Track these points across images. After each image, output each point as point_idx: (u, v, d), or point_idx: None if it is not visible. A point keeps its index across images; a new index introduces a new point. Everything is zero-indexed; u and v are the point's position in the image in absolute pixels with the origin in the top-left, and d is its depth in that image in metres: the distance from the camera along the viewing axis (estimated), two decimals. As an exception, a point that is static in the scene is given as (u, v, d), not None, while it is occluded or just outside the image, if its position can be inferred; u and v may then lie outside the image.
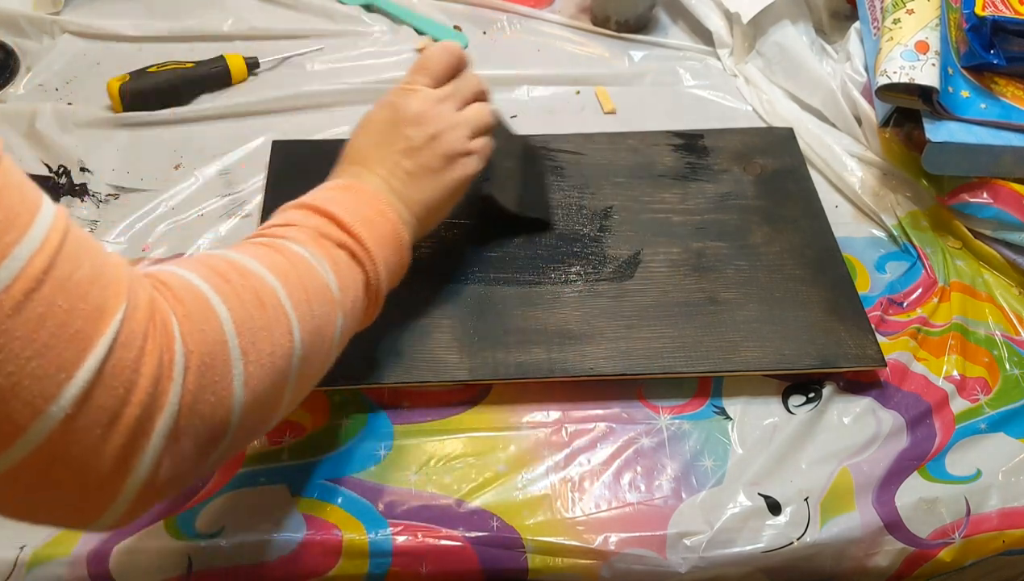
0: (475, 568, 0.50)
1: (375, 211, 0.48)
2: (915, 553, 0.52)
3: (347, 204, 0.48)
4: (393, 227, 0.49)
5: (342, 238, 0.46)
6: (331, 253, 0.45)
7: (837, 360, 0.57)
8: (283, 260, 0.42)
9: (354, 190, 0.50)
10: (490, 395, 0.57)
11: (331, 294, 0.44)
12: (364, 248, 0.47)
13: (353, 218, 0.47)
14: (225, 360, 0.36)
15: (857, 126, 0.74)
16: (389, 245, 0.49)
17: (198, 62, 0.77)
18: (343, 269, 0.45)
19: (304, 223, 0.46)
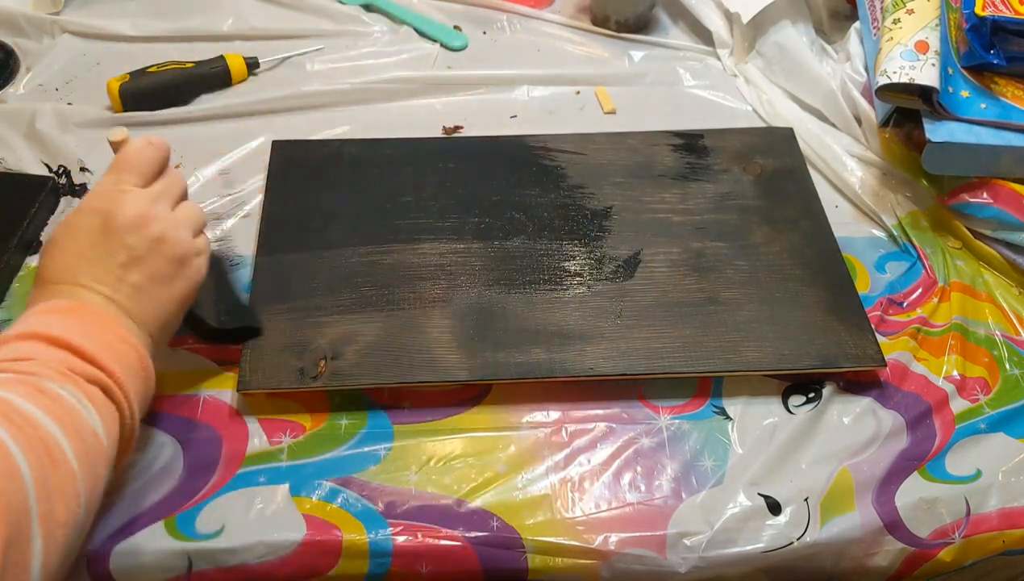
0: (475, 568, 0.50)
1: (116, 336, 0.42)
2: (915, 553, 0.52)
3: (84, 331, 0.41)
4: (138, 354, 0.43)
5: (92, 373, 0.40)
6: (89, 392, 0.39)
7: (837, 360, 0.57)
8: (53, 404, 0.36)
9: (81, 313, 0.43)
10: (490, 395, 0.57)
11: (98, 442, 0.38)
12: (116, 381, 0.41)
13: (96, 348, 0.41)
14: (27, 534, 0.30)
15: (857, 126, 0.74)
16: (137, 375, 0.43)
17: (198, 62, 0.77)
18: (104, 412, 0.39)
19: (44, 357, 0.39)
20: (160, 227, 0.47)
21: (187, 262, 0.48)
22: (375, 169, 0.69)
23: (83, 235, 0.46)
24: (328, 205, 0.66)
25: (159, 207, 0.48)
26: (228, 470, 0.52)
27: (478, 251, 0.63)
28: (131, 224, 0.46)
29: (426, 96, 0.79)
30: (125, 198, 0.47)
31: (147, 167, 0.49)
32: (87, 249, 0.45)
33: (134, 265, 0.45)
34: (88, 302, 0.43)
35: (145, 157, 0.49)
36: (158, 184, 0.49)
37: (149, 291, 0.46)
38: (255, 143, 0.73)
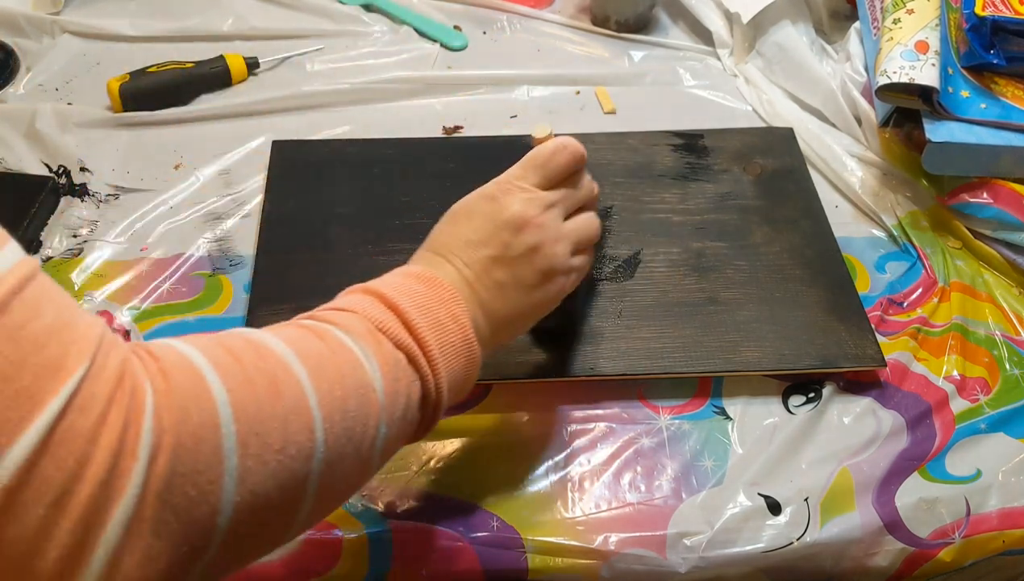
0: (475, 568, 0.50)
1: (449, 314, 0.42)
2: (915, 553, 0.52)
3: (420, 299, 0.42)
4: (466, 337, 0.43)
5: (403, 339, 0.40)
6: (386, 353, 0.39)
7: (837, 360, 0.57)
8: (321, 347, 0.37)
9: (432, 285, 0.43)
10: (490, 395, 0.57)
11: (374, 397, 0.37)
12: (427, 354, 0.40)
13: (422, 317, 0.41)
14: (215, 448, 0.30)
15: (857, 126, 0.74)
16: (458, 356, 0.42)
17: (198, 62, 0.77)
18: (396, 374, 0.39)
19: (365, 312, 0.40)
20: (538, 236, 0.46)
21: (552, 278, 0.47)
22: (375, 169, 0.69)
23: (471, 215, 0.47)
24: (328, 205, 0.66)
25: (548, 215, 0.47)
26: (228, 470, 0.52)
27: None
28: (512, 223, 0.46)
29: (426, 96, 0.79)
30: (517, 196, 0.47)
31: (553, 171, 0.48)
32: (470, 231, 0.46)
33: (503, 263, 0.46)
34: (446, 278, 0.44)
35: (554, 161, 0.48)
36: (558, 192, 0.48)
37: (508, 290, 0.46)
38: (255, 143, 0.73)
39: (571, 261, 0.48)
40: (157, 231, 0.66)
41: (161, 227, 0.66)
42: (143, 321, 0.60)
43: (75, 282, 0.62)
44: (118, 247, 0.64)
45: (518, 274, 0.46)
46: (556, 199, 0.48)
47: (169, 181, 0.70)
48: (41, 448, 0.26)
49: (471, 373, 0.44)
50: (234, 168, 0.71)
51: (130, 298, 0.61)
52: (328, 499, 0.37)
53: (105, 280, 0.62)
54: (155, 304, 0.61)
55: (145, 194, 0.68)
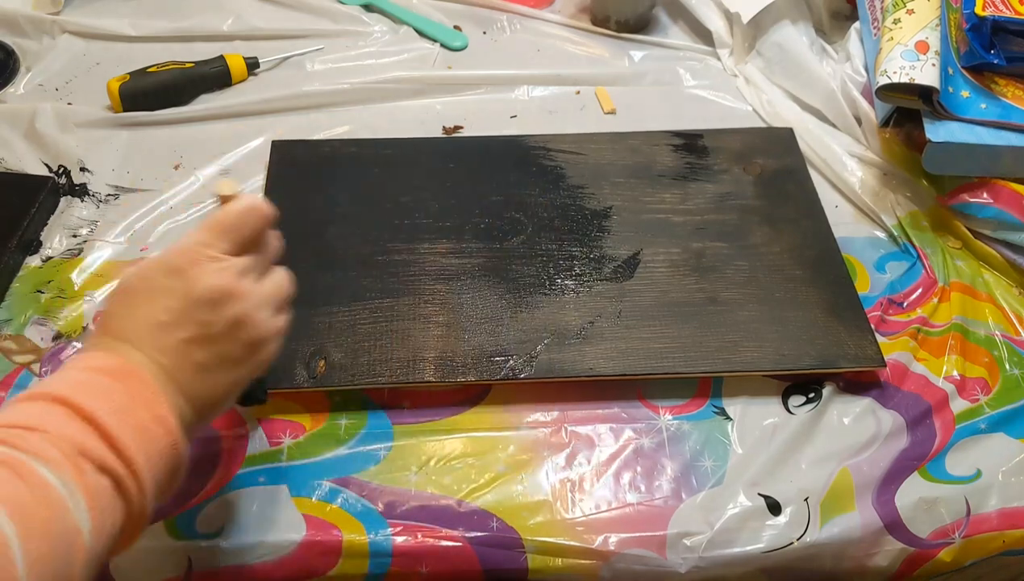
0: (475, 568, 0.50)
1: (153, 417, 0.38)
2: (915, 553, 0.52)
3: (116, 402, 0.37)
4: (172, 440, 0.39)
5: (108, 461, 0.36)
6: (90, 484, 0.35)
7: (837, 360, 0.57)
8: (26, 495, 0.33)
9: (128, 380, 0.39)
10: (490, 395, 0.57)
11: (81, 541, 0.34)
12: (134, 474, 0.36)
13: (123, 429, 0.37)
14: None
15: (857, 126, 0.74)
16: (164, 463, 0.38)
17: (198, 62, 0.77)
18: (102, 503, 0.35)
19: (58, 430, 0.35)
20: (241, 308, 0.42)
21: (262, 346, 0.43)
22: (375, 169, 0.69)
23: (157, 295, 0.41)
24: (328, 205, 0.66)
25: (245, 283, 0.42)
26: (228, 470, 0.52)
27: (478, 251, 0.63)
28: (211, 298, 0.41)
29: (426, 96, 0.79)
30: (211, 267, 0.41)
31: (245, 235, 0.43)
32: (159, 312, 0.41)
33: (204, 343, 0.41)
34: (142, 370, 0.40)
35: (246, 224, 0.43)
36: (250, 257, 0.44)
37: (213, 372, 0.42)
38: (255, 143, 0.73)
39: (276, 323, 0.44)
40: (157, 231, 0.66)
41: (161, 227, 0.66)
42: (143, 321, 0.60)
43: (75, 282, 0.62)
44: (118, 247, 0.65)
45: (223, 352, 0.41)
46: (250, 264, 0.43)
47: (169, 181, 0.70)
48: None
49: (176, 479, 0.41)
50: (234, 168, 0.71)
51: (130, 298, 0.61)
52: None
53: (105, 280, 0.62)
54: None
55: (145, 194, 0.68)
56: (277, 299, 0.45)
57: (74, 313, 0.60)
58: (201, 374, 0.41)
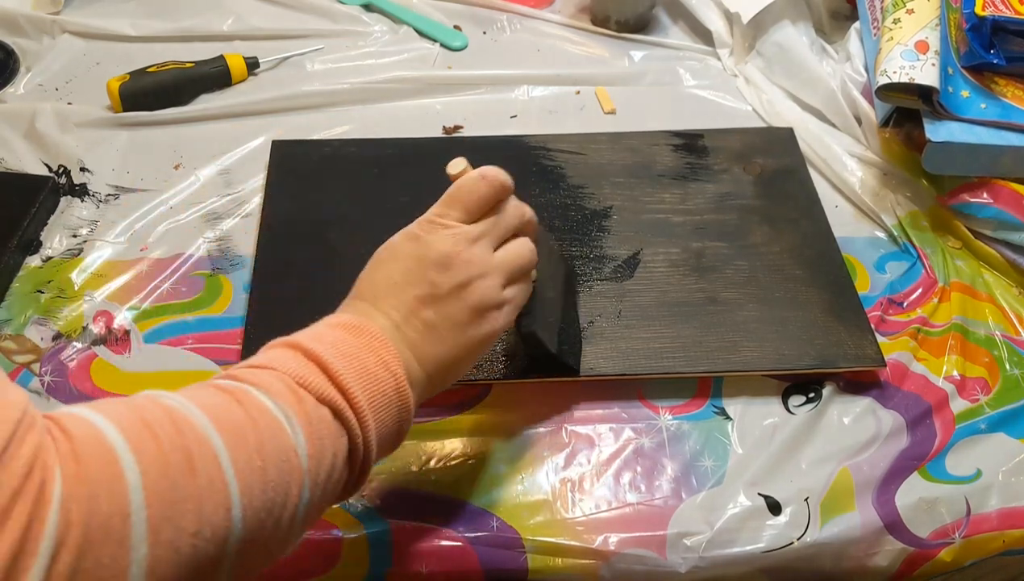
0: (475, 568, 0.50)
1: (379, 362, 0.41)
2: (915, 553, 0.52)
3: (345, 349, 0.40)
4: (397, 385, 0.41)
5: (326, 391, 0.38)
6: (308, 410, 0.37)
7: (837, 360, 0.57)
8: (240, 413, 0.35)
9: (359, 332, 0.42)
10: (490, 395, 0.57)
11: (296, 461, 0.36)
12: (354, 407, 0.39)
13: (347, 368, 0.39)
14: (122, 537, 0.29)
15: (857, 126, 0.74)
16: (388, 406, 0.40)
17: (198, 62, 0.77)
18: (320, 431, 0.37)
19: (284, 367, 0.38)
20: (468, 272, 0.44)
21: (486, 313, 0.45)
22: (375, 169, 0.69)
23: (398, 259, 0.45)
24: (328, 205, 0.66)
25: (475, 249, 0.45)
26: (228, 470, 0.52)
27: None
28: (439, 262, 0.44)
29: (426, 96, 0.79)
30: (441, 234, 0.45)
31: (475, 204, 0.46)
32: (395, 273, 0.45)
33: (432, 303, 0.44)
34: (374, 324, 0.42)
35: (475, 193, 0.46)
36: (483, 223, 0.46)
37: (440, 331, 0.44)
38: (255, 143, 0.73)
39: (503, 294, 0.46)
40: (157, 231, 0.66)
41: (161, 227, 0.66)
42: (143, 321, 0.60)
43: (75, 282, 0.62)
44: (118, 247, 0.65)
45: (448, 313, 0.44)
46: (481, 232, 0.46)
47: (169, 181, 0.70)
48: None
49: (403, 424, 0.42)
50: (234, 168, 0.71)
51: (130, 298, 0.61)
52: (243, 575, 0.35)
53: (105, 280, 0.62)
54: (155, 304, 0.61)
55: (145, 194, 0.68)
56: (510, 269, 0.47)
57: (74, 313, 0.60)
58: (428, 331, 0.44)
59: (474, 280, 0.45)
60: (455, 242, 0.45)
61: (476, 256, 0.45)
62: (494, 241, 0.47)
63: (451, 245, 0.45)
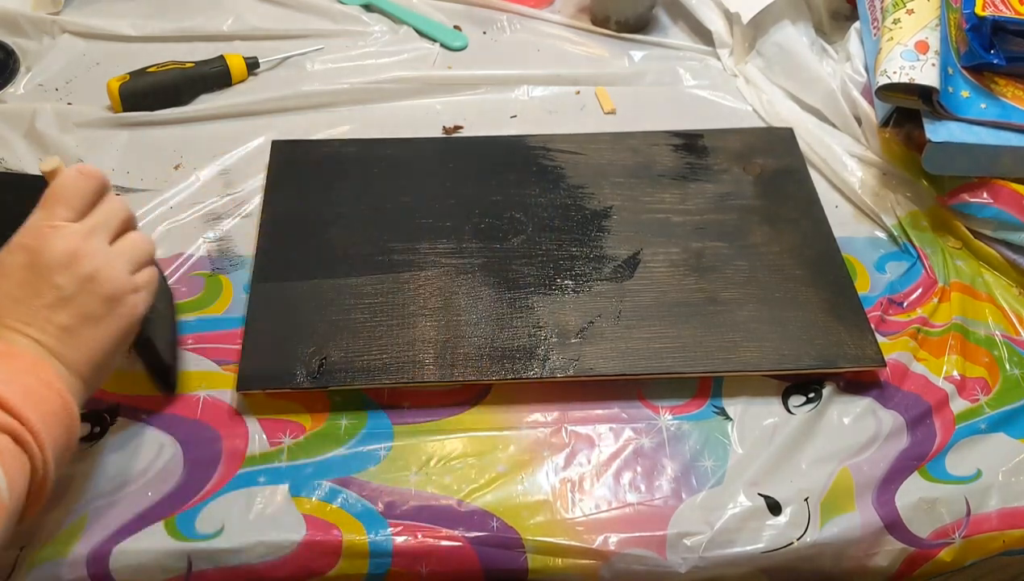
0: (475, 568, 0.50)
1: (39, 381, 0.40)
2: (915, 553, 0.52)
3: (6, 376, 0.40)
4: (62, 400, 0.41)
5: (6, 421, 0.38)
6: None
7: (837, 360, 0.57)
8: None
9: (6, 356, 0.41)
10: (490, 395, 0.57)
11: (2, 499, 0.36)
12: (32, 431, 0.39)
13: (13, 392, 0.39)
14: None
15: (857, 126, 0.74)
16: (58, 423, 0.40)
17: (198, 62, 0.77)
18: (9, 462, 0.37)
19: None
20: (91, 264, 0.44)
21: (121, 300, 0.45)
22: (375, 169, 0.69)
23: (11, 273, 0.43)
24: (328, 205, 0.66)
25: (92, 242, 0.45)
26: (228, 470, 0.52)
27: (478, 251, 0.63)
28: (59, 262, 0.43)
29: (426, 96, 0.79)
30: (54, 234, 0.44)
31: (79, 200, 0.45)
32: (14, 288, 0.43)
33: (62, 305, 0.43)
34: (13, 344, 0.42)
35: (78, 189, 0.45)
36: (93, 217, 0.46)
37: (79, 332, 0.43)
38: (255, 143, 0.73)
39: (134, 279, 0.46)
40: (157, 231, 0.66)
41: (161, 227, 0.66)
42: (143, 321, 0.60)
43: (75, 282, 0.62)
44: (118, 247, 0.64)
45: (83, 311, 0.43)
46: (93, 225, 0.45)
47: (169, 181, 0.70)
48: None
49: (72, 437, 0.42)
50: (234, 168, 0.71)
51: (130, 298, 0.61)
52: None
53: (105, 280, 0.62)
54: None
55: (145, 194, 0.68)
56: (132, 256, 0.47)
57: (74, 313, 0.60)
58: (69, 335, 0.43)
59: (100, 269, 0.44)
60: (71, 239, 0.44)
61: (96, 248, 0.45)
62: (108, 233, 0.46)
63: (68, 243, 0.44)
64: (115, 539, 0.49)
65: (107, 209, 0.47)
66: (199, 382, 0.57)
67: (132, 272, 0.46)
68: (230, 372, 0.57)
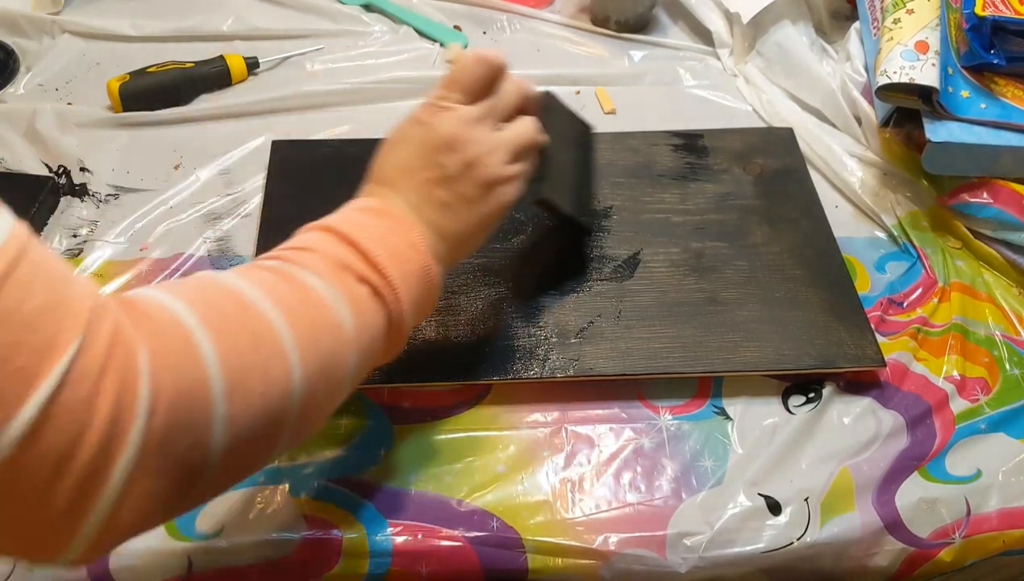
0: (475, 568, 0.50)
1: (406, 242, 0.44)
2: (915, 553, 0.52)
3: (375, 232, 0.44)
4: (423, 261, 0.45)
5: (365, 272, 0.42)
6: (351, 289, 0.42)
7: (837, 360, 0.57)
8: (292, 293, 0.39)
9: (385, 216, 0.45)
10: (490, 395, 0.57)
11: (345, 333, 0.40)
12: (389, 285, 0.43)
13: (380, 249, 0.43)
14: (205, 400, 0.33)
15: (857, 126, 0.74)
16: (418, 281, 0.44)
17: (198, 62, 0.77)
18: (363, 307, 0.42)
19: (325, 250, 0.42)
20: (472, 151, 0.47)
21: (494, 188, 0.48)
22: (375, 169, 0.69)
23: (405, 144, 0.48)
24: (328, 205, 0.66)
25: (477, 129, 0.48)
26: (228, 470, 0.52)
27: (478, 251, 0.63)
28: (445, 144, 0.47)
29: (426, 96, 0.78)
30: (444, 117, 0.48)
31: (474, 84, 0.49)
32: (407, 158, 0.48)
33: (443, 183, 0.47)
34: (395, 207, 0.46)
35: (470, 72, 0.49)
36: (485, 103, 0.49)
37: (455, 208, 0.47)
38: (255, 143, 0.73)
39: (509, 169, 0.49)
40: (157, 231, 0.66)
41: (161, 227, 0.66)
42: (143, 321, 0.60)
43: (75, 282, 0.62)
44: (118, 247, 0.65)
45: (460, 191, 0.47)
46: (482, 112, 0.49)
47: (169, 181, 0.70)
48: (41, 421, 0.28)
49: (432, 295, 0.46)
50: (234, 168, 0.71)
51: (130, 298, 0.61)
52: (306, 424, 0.40)
53: (105, 280, 0.62)
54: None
55: (145, 194, 0.68)
56: (514, 145, 0.50)
57: (74, 313, 0.60)
58: (444, 210, 0.47)
59: (480, 157, 0.48)
60: (458, 123, 0.48)
61: (480, 135, 0.48)
62: (496, 119, 0.50)
63: (455, 127, 0.47)
64: (115, 539, 0.49)
65: (500, 96, 0.50)
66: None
67: (510, 161, 0.49)
68: (230, 372, 0.57)
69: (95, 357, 0.30)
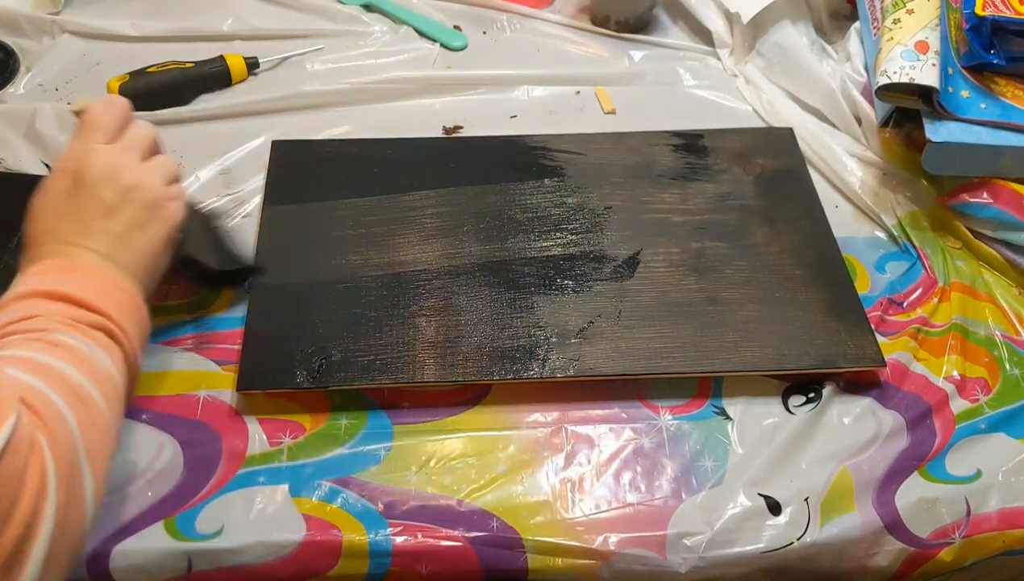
0: (475, 568, 0.50)
1: (108, 283, 0.46)
2: (915, 553, 0.52)
3: (78, 282, 0.44)
4: (131, 296, 0.47)
5: (94, 319, 0.43)
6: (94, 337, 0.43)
7: (837, 360, 0.57)
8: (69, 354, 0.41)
9: (73, 267, 0.46)
10: (490, 395, 0.57)
11: (115, 382, 0.43)
12: (116, 324, 0.44)
13: (93, 295, 0.44)
14: (78, 472, 0.36)
15: (857, 126, 0.74)
16: (133, 316, 0.46)
17: (198, 62, 0.77)
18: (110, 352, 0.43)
19: (46, 312, 0.42)
20: (130, 177, 0.49)
21: (160, 206, 0.50)
22: (375, 169, 0.69)
23: (59, 196, 0.48)
24: (328, 205, 0.66)
25: (128, 158, 0.50)
26: (228, 470, 0.52)
27: (478, 251, 0.63)
28: (102, 178, 0.48)
29: (426, 96, 0.79)
30: (93, 156, 0.49)
31: (110, 124, 0.50)
32: (64, 207, 0.48)
33: (110, 215, 0.48)
34: (75, 256, 0.46)
35: (107, 115, 0.51)
36: (124, 138, 0.51)
37: (128, 238, 0.48)
38: (255, 143, 0.73)
39: (168, 189, 0.51)
40: (157, 231, 0.66)
41: (161, 227, 0.66)
42: (143, 321, 0.60)
43: (75, 282, 0.62)
44: (118, 247, 0.64)
45: (128, 217, 0.48)
46: (126, 143, 0.51)
47: (169, 181, 0.69)
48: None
49: (145, 328, 0.48)
50: (234, 168, 0.71)
51: (130, 298, 0.61)
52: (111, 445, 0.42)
53: (105, 280, 0.62)
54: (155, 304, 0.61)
55: (145, 194, 0.68)
56: (164, 171, 0.52)
57: (74, 313, 0.60)
58: (120, 241, 0.48)
59: (139, 181, 0.49)
60: (109, 157, 0.49)
61: (132, 162, 0.50)
62: (139, 153, 0.51)
63: (107, 160, 0.49)
64: (115, 539, 0.49)
65: (135, 132, 0.52)
66: (199, 382, 0.57)
67: (166, 184, 0.52)
68: (230, 372, 0.57)
69: (26, 428, 0.32)
